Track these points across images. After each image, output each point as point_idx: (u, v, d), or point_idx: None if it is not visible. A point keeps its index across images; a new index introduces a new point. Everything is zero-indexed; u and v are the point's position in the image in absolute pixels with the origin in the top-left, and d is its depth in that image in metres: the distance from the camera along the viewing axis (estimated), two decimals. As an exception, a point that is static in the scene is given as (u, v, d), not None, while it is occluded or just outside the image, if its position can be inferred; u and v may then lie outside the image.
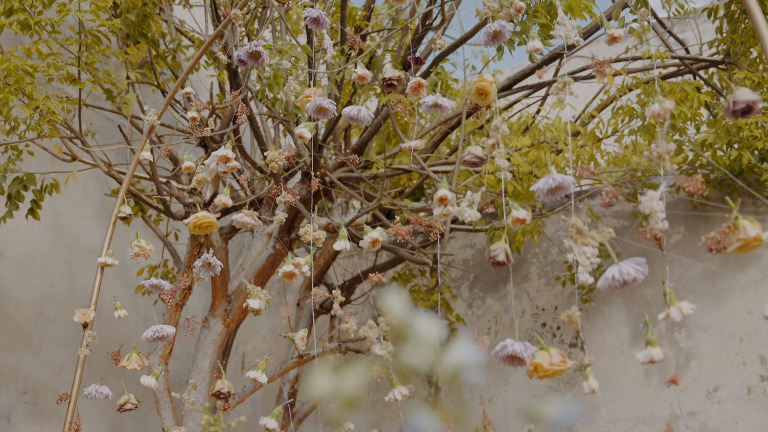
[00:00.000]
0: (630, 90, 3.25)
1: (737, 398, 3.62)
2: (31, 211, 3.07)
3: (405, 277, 4.33)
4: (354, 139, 4.14)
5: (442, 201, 1.40)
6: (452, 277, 4.55)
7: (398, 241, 4.32)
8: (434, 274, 3.70)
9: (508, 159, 3.14)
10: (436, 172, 3.43)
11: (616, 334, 4.06)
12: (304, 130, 1.66)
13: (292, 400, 3.55)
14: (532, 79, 3.45)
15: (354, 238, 2.62)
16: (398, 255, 3.65)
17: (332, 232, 3.42)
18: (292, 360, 3.56)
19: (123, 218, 2.11)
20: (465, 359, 0.38)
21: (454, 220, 3.80)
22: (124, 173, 3.31)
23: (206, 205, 3.01)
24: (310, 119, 1.74)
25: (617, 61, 3.37)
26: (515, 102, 3.78)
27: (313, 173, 2.23)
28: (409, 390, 1.44)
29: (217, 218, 1.87)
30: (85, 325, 1.97)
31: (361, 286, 4.40)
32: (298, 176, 3.50)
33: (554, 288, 4.25)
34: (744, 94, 1.11)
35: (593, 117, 3.45)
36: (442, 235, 3.46)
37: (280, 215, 1.82)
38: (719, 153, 3.34)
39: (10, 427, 3.69)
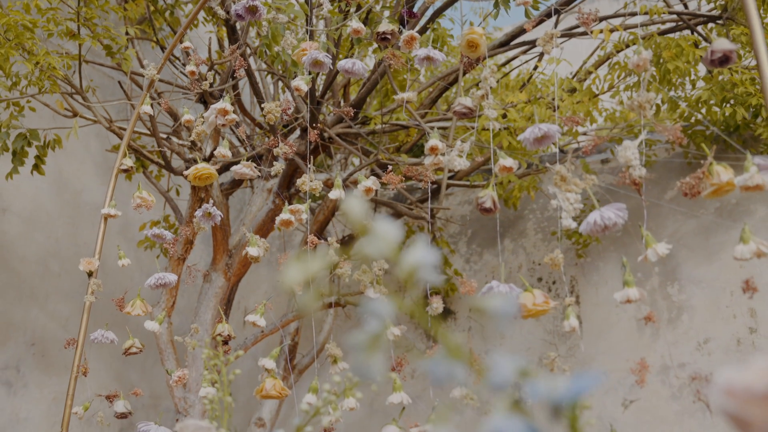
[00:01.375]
0: (627, 46, 3.26)
1: (726, 350, 3.71)
2: (36, 167, 3.12)
3: (404, 232, 4.39)
4: (353, 97, 4.16)
5: (433, 150, 1.45)
6: (450, 233, 4.61)
7: (397, 195, 4.36)
8: (432, 229, 3.76)
9: (504, 115, 3.18)
10: (433, 127, 3.47)
11: (610, 288, 4.13)
12: (301, 83, 1.70)
13: (288, 342, 3.64)
14: (531, 35, 3.46)
15: (352, 193, 2.67)
16: (396, 210, 3.71)
17: (332, 187, 3.48)
18: (292, 313, 3.64)
19: (125, 171, 2.16)
20: (421, 259, 0.44)
21: (452, 177, 3.85)
22: (125, 129, 3.35)
23: (206, 160, 3.06)
24: (310, 75, 1.78)
25: (615, 16, 3.38)
26: (513, 58, 3.80)
27: (310, 126, 2.27)
28: (400, 330, 1.50)
29: (217, 172, 1.92)
30: (90, 274, 2.03)
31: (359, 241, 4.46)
32: (298, 132, 3.54)
33: (550, 243, 4.31)
34: (721, 44, 1.15)
35: (590, 73, 3.47)
36: (435, 184, 3.51)
37: (278, 166, 1.87)
38: (715, 109, 3.37)
39: (19, 377, 3.79)
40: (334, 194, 1.70)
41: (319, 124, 3.19)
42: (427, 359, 0.45)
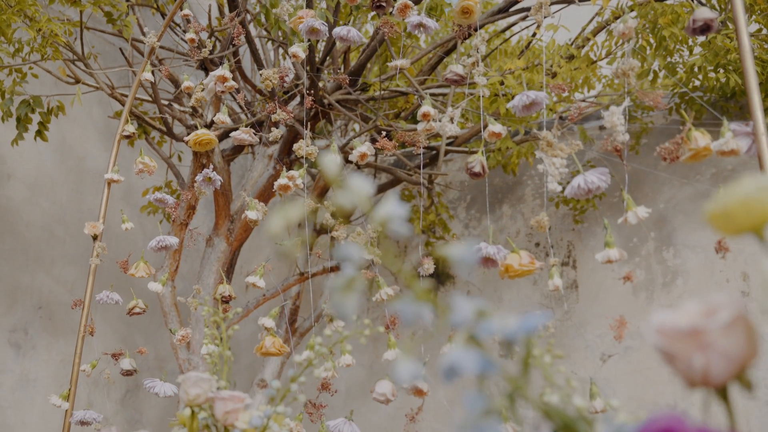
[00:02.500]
0: (625, 12, 3.27)
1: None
2: (39, 133, 3.17)
3: (404, 198, 4.45)
4: (354, 63, 4.18)
5: (425, 117, 1.50)
6: (450, 199, 4.66)
7: (397, 161, 4.40)
8: (430, 194, 3.81)
9: (502, 82, 3.21)
10: (432, 94, 3.50)
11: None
12: (298, 50, 1.74)
13: (287, 302, 3.72)
14: (530, 1, 3.47)
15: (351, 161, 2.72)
16: (396, 176, 3.76)
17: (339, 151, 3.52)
18: (293, 277, 3.71)
19: (127, 137, 2.21)
20: (391, 212, 0.49)
21: (451, 143, 3.89)
22: (127, 96, 3.38)
23: (207, 126, 3.10)
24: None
25: (613, -18, 3.39)
26: (514, 24, 3.81)
27: (306, 93, 2.31)
28: (394, 290, 1.57)
29: (218, 138, 1.97)
30: (94, 237, 2.09)
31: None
32: (298, 99, 3.58)
33: (548, 209, 4.37)
34: (702, 13, 1.19)
35: (588, 40, 3.49)
36: (434, 150, 3.55)
37: (276, 132, 1.91)
38: (711, 75, 3.40)
39: (28, 339, 3.88)
40: (330, 159, 1.75)
41: (318, 91, 3.23)
42: (397, 301, 0.51)
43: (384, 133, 1.75)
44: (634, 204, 1.26)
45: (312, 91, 2.91)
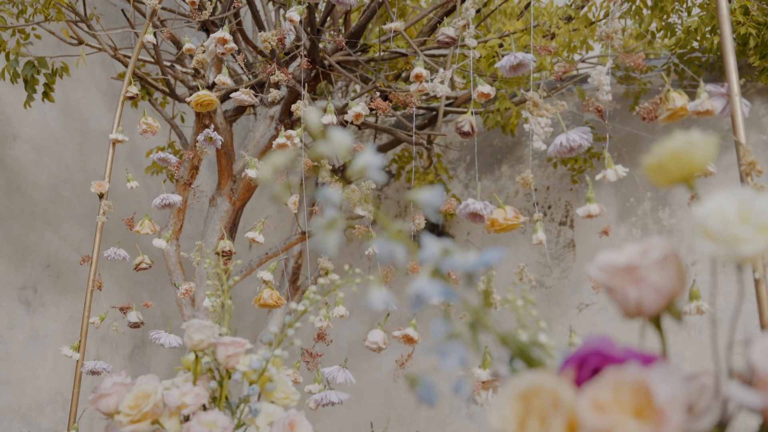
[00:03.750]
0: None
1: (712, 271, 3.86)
2: (45, 95, 3.22)
3: (404, 158, 4.50)
4: (354, 25, 4.19)
5: (418, 78, 1.55)
6: (450, 159, 4.71)
7: (398, 122, 4.43)
8: (429, 155, 3.86)
9: (501, 44, 3.24)
10: (432, 55, 3.53)
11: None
12: (293, 14, 1.78)
13: (288, 258, 3.80)
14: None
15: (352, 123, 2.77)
16: (396, 136, 3.81)
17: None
18: (295, 236, 3.79)
19: (130, 98, 2.27)
20: (368, 162, 0.56)
21: (450, 104, 3.93)
22: (129, 57, 3.43)
23: (209, 88, 3.15)
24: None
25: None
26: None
27: (304, 55, 2.36)
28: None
29: (220, 99, 2.02)
30: (101, 196, 2.16)
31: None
32: (299, 60, 3.61)
33: (546, 169, 4.42)
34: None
35: (587, 1, 3.51)
36: (433, 111, 3.59)
37: (274, 93, 1.97)
38: (708, 36, 3.42)
39: (37, 297, 3.98)
40: (326, 119, 1.81)
41: (319, 52, 3.26)
42: (373, 240, 0.58)
43: (378, 94, 1.80)
44: (612, 162, 1.32)
45: (311, 53, 2.94)
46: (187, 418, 1.18)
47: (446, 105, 3.73)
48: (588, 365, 0.49)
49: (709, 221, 0.50)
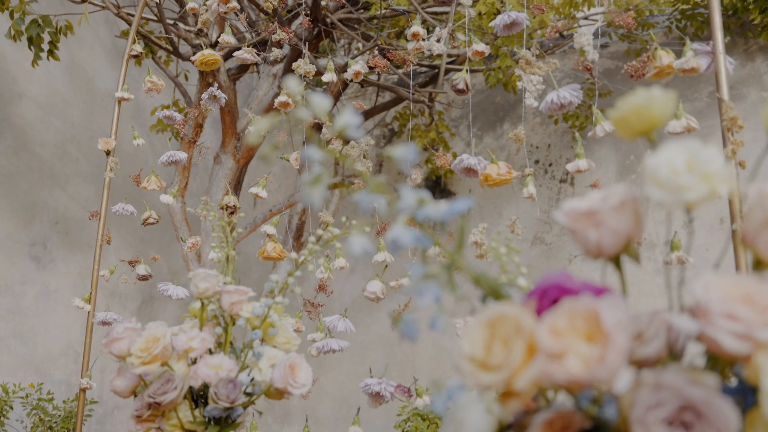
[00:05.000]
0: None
1: (710, 228, 3.91)
2: (51, 53, 3.26)
3: (406, 116, 4.53)
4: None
5: (415, 37, 1.59)
6: (452, 117, 4.74)
7: (400, 80, 4.46)
8: (431, 112, 3.90)
9: (502, 2, 3.25)
10: (434, 13, 3.54)
11: (604, 170, 4.30)
12: (295, -28, 1.81)
13: (290, 215, 3.86)
14: None
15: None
16: (398, 94, 3.84)
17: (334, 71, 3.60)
18: (298, 193, 3.85)
19: (135, 56, 2.31)
20: (347, 121, 0.61)
21: (452, 61, 3.94)
22: (133, 15, 3.45)
23: (212, 46, 3.18)
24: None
25: None
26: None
27: (305, 13, 2.38)
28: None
29: (224, 58, 2.06)
30: (107, 153, 2.22)
31: (365, 125, 4.61)
32: (301, 18, 3.63)
33: (548, 127, 4.45)
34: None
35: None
36: (435, 69, 3.62)
37: (276, 52, 2.00)
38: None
39: (46, 253, 4.07)
40: (327, 77, 1.85)
41: (321, 10, 3.28)
42: (357, 192, 0.64)
43: (376, 52, 1.83)
44: (603, 118, 1.36)
45: (313, 11, 2.96)
46: (194, 361, 1.25)
47: (448, 63, 3.75)
48: (548, 297, 0.55)
49: (659, 171, 0.55)
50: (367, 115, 4.28)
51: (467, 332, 0.53)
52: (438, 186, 4.64)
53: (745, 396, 0.59)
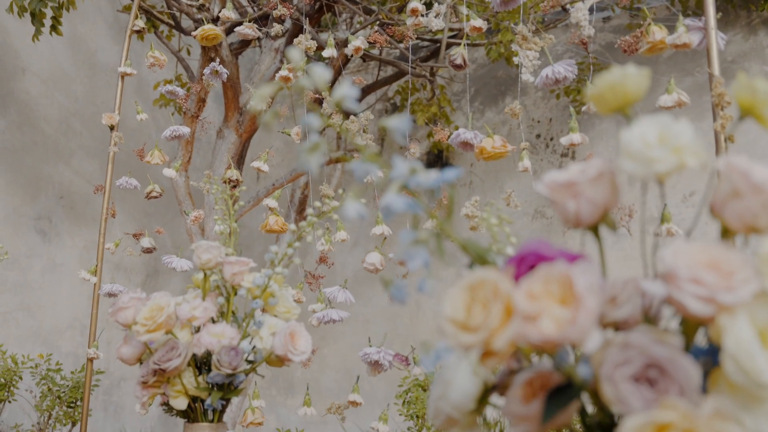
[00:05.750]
0: None
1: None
2: (53, 28, 3.27)
3: (407, 90, 4.55)
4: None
5: (413, 12, 1.61)
6: (454, 91, 4.75)
7: (402, 55, 4.46)
8: (432, 87, 3.91)
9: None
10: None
11: (605, 144, 4.31)
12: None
13: (291, 187, 3.89)
14: None
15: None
16: (400, 69, 3.85)
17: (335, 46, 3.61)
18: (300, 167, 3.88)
19: (137, 32, 2.33)
20: (344, 93, 0.64)
21: (455, 35, 3.94)
22: (135, -10, 3.45)
23: (214, 21, 3.19)
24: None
25: None
26: None
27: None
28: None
29: (225, 32, 2.07)
30: (111, 127, 2.25)
31: (367, 100, 4.63)
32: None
33: (549, 101, 4.46)
34: None
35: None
36: (435, 42, 3.62)
37: (277, 27, 2.02)
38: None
39: (52, 227, 4.12)
40: (327, 53, 1.87)
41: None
42: (352, 161, 0.67)
43: (377, 28, 1.85)
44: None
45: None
46: (197, 330, 1.29)
47: (451, 37, 3.76)
48: (526, 263, 0.59)
49: (632, 144, 0.58)
50: (369, 89, 4.30)
51: (449, 296, 0.57)
52: (440, 160, 4.66)
53: (714, 357, 0.63)
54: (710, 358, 0.63)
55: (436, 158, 4.64)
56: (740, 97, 0.60)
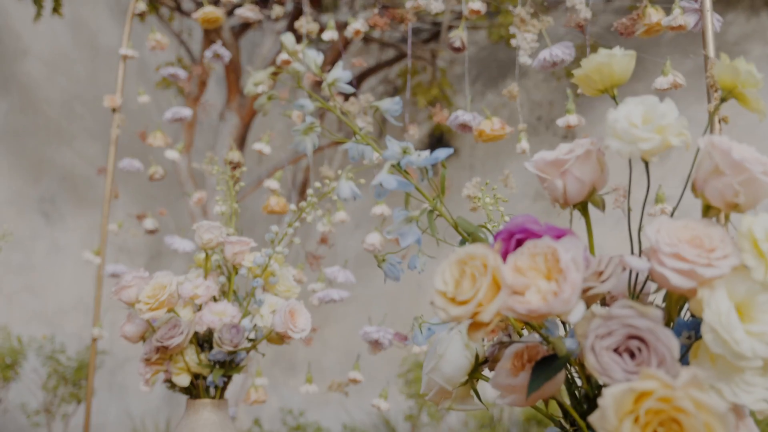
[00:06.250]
0: None
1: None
2: (54, 9, 3.28)
3: (408, 73, 4.55)
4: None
5: (413, -6, 1.61)
6: (455, 74, 4.75)
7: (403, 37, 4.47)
8: (434, 69, 3.91)
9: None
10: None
11: (604, 126, 4.32)
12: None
13: (300, 177, 3.90)
14: None
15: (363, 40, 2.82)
16: (401, 51, 3.85)
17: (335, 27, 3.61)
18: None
19: (139, 15, 2.34)
20: (337, 75, 0.66)
21: (457, 17, 3.94)
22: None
23: (215, 3, 3.19)
24: None
25: None
26: None
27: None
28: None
29: (227, 13, 2.08)
30: (114, 110, 2.27)
31: (369, 82, 4.64)
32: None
33: (551, 84, 4.46)
34: None
35: None
36: (437, 25, 3.62)
37: (277, 9, 2.03)
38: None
39: (55, 209, 4.15)
40: (327, 35, 1.88)
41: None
42: (346, 143, 0.69)
43: (377, 11, 1.86)
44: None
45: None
46: (199, 308, 1.32)
47: (453, 19, 3.76)
48: (514, 239, 0.61)
49: (618, 123, 0.60)
50: (371, 71, 4.30)
51: (440, 270, 0.59)
52: (440, 142, 4.67)
53: (697, 331, 0.65)
54: (694, 332, 0.65)
55: (437, 140, 4.65)
56: (722, 79, 0.62)
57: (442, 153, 0.64)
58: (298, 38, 3.70)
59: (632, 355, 0.56)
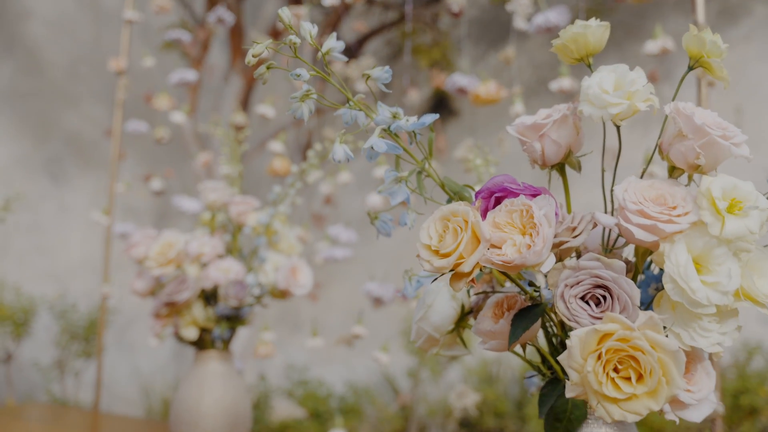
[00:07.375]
0: None
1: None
2: (57, -28, 3.29)
3: (408, 34, 4.56)
4: None
5: (411, -41, 1.64)
6: (458, 35, 4.75)
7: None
8: (436, 31, 3.92)
9: None
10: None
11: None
12: None
13: (303, 141, 3.95)
14: None
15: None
16: (403, 12, 3.86)
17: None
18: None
19: (142, -23, 2.36)
20: (331, 45, 0.71)
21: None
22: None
23: (218, -35, 3.20)
24: None
25: None
26: None
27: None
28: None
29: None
30: (119, 73, 2.31)
31: (372, 45, 4.64)
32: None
33: (549, 48, 4.47)
34: None
35: None
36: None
37: (279, -27, 2.05)
38: None
39: (62, 171, 4.21)
40: (328, 1, 1.91)
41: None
42: (340, 109, 0.74)
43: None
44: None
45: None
46: (205, 266, 1.38)
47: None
48: (494, 197, 0.66)
49: (590, 89, 0.65)
50: (373, 33, 4.31)
51: (425, 225, 0.65)
52: (442, 104, 4.70)
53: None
54: (660, 284, 0.71)
55: (439, 103, 4.68)
56: (689, 48, 0.66)
57: (428, 118, 0.69)
58: (299, 1, 3.71)
59: (597, 303, 0.61)
